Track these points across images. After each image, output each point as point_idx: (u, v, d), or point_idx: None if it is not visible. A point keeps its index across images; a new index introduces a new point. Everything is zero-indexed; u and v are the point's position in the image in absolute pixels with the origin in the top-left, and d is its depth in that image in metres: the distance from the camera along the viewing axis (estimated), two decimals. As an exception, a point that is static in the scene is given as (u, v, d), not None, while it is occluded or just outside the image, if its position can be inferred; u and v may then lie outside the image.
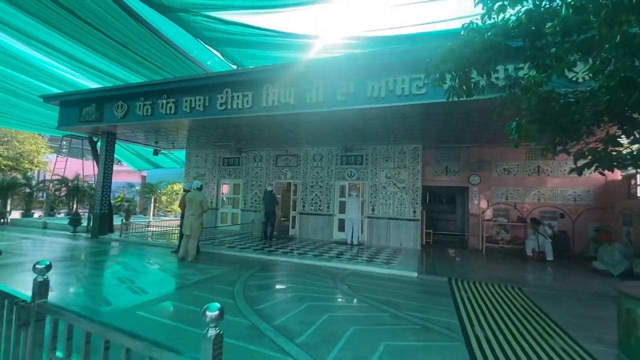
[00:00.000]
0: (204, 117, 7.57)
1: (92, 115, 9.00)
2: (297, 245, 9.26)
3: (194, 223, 6.88)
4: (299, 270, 6.47)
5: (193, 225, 6.87)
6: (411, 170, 9.80)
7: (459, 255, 8.88)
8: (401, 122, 7.51)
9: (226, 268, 6.38)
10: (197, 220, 6.94)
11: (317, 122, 7.88)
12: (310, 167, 11.10)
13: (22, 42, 8.13)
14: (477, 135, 8.73)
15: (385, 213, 9.96)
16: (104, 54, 8.50)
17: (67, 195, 11.39)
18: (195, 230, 6.90)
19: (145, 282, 5.18)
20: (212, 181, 12.60)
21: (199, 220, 6.99)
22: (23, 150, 16.62)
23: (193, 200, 6.99)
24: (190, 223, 6.88)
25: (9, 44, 8.22)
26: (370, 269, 6.63)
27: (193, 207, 6.92)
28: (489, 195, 10.09)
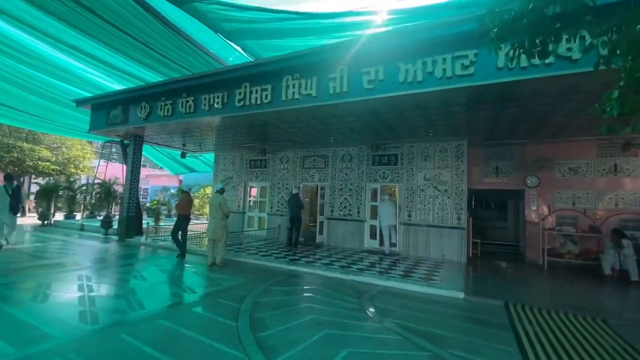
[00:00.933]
0: (223, 115, 7.07)
1: (118, 118, 8.96)
2: (323, 253, 8.43)
3: (217, 227, 6.67)
4: (321, 284, 5.63)
5: (216, 229, 6.67)
6: (454, 170, 8.57)
7: (515, 271, 7.49)
8: (442, 113, 6.42)
9: (240, 279, 5.73)
10: (220, 224, 6.69)
11: (344, 117, 7.04)
12: (339, 169, 10.25)
13: (50, 45, 8.26)
14: (536, 128, 7.33)
15: (424, 220, 8.81)
16: (127, 54, 8.39)
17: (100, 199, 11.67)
18: (220, 234, 6.69)
19: (142, 294, 4.65)
20: (240, 184, 12.22)
21: (222, 223, 6.73)
22: (70, 155, 17.61)
23: (213, 204, 6.81)
24: (213, 227, 6.68)
25: (40, 48, 8.40)
26: (405, 287, 5.61)
27: (214, 210, 6.74)
28: (550, 200, 8.53)
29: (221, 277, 5.92)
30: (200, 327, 3.53)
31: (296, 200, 9.22)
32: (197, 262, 7.15)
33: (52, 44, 8.22)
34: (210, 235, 6.72)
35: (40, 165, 15.62)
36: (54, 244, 8.54)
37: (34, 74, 9.48)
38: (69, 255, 7.15)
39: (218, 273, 6.18)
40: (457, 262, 8.12)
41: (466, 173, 8.47)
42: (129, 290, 4.76)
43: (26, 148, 15.38)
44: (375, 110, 6.43)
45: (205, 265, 6.79)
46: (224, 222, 6.77)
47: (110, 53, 8.48)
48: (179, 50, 8.11)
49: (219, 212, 6.72)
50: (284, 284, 5.56)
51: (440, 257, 8.46)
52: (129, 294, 4.57)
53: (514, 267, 7.94)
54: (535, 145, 8.62)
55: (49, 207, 13.33)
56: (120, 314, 3.83)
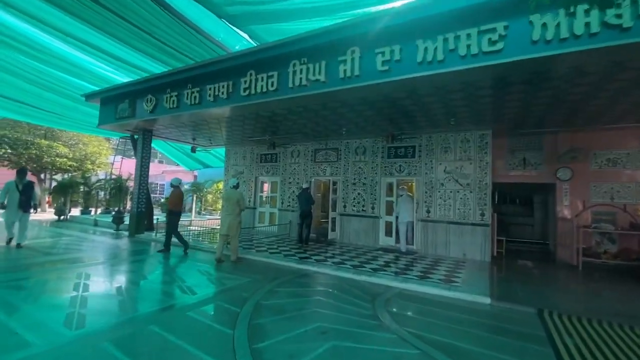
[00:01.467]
0: (228, 106, 6.71)
1: (125, 111, 8.78)
2: (335, 251, 7.99)
3: (232, 223, 6.53)
4: (331, 285, 5.20)
5: (231, 224, 6.53)
6: (478, 162, 7.91)
7: (546, 273, 6.81)
8: (465, 98, 5.81)
9: (245, 278, 5.37)
10: (235, 220, 6.58)
11: (356, 105, 6.54)
12: (352, 162, 9.74)
13: (59, 39, 8.12)
14: (571, 114, 6.59)
15: (444, 216, 8.21)
16: (133, 46, 8.16)
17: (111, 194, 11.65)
18: (234, 230, 6.56)
19: (138, 295, 4.37)
20: (250, 179, 11.92)
21: (237, 219, 6.61)
22: (87, 152, 17.84)
23: (230, 199, 6.67)
24: (229, 223, 6.53)
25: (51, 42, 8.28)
26: (423, 289, 5.10)
27: (230, 206, 6.61)
28: (585, 194, 7.74)
29: (225, 276, 5.59)
30: (192, 335, 3.17)
31: (307, 195, 8.82)
32: (203, 259, 6.87)
33: (61, 38, 8.08)
34: (225, 231, 6.57)
35: (58, 162, 15.86)
36: (64, 240, 8.48)
37: (46, 69, 9.42)
38: (73, 252, 7.01)
39: (222, 272, 5.86)
40: (479, 261, 7.51)
41: (490, 165, 7.80)
42: (124, 291, 4.48)
43: (44, 145, 15.63)
44: (390, 96, 5.90)
45: (211, 263, 6.50)
46: (239, 218, 6.67)
47: (117, 45, 8.27)
48: (185, 40, 7.80)
49: (236, 208, 6.60)
50: (290, 284, 5.17)
51: (461, 256, 7.87)
52: (123, 295, 4.28)
53: (544, 268, 7.25)
54: (568, 134, 7.83)
55: (65, 202, 13.48)
56: (108, 317, 3.52)
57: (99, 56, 8.89)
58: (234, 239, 6.64)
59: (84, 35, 7.91)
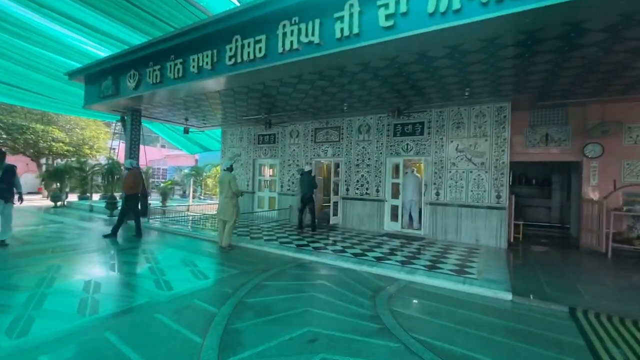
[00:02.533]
0: (213, 77, 5.99)
1: (109, 89, 8.13)
2: (336, 238, 7.40)
3: (226, 206, 6.18)
4: (328, 278, 4.61)
5: (226, 208, 6.17)
6: (494, 139, 7.10)
7: (571, 261, 6.11)
8: (485, 61, 4.98)
9: (233, 270, 4.82)
10: (230, 203, 6.18)
11: (357, 72, 5.75)
12: (355, 142, 9.00)
13: (35, 11, 7.41)
14: (604, 82, 5.70)
15: (455, 198, 7.49)
16: (113, 16, 7.40)
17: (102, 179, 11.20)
18: (231, 214, 6.15)
19: (106, 291, 3.84)
20: (248, 161, 11.29)
21: (232, 202, 6.20)
22: (85, 136, 17.38)
23: (223, 182, 6.31)
24: (223, 207, 6.21)
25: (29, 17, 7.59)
26: (433, 282, 4.47)
27: (225, 189, 6.26)
28: (615, 173, 6.92)
29: (211, 267, 5.05)
30: (152, 345, 2.61)
31: (309, 179, 8.19)
32: (192, 248, 6.35)
33: (35, 9, 7.37)
34: (221, 216, 6.25)
35: (54, 147, 15.44)
36: (50, 228, 8.05)
37: (28, 47, 8.76)
38: (54, 241, 6.54)
39: (209, 263, 5.32)
40: (495, 248, 6.84)
41: (509, 142, 6.99)
42: (92, 287, 3.95)
43: (39, 129, 15.19)
44: (396, 61, 5.09)
45: (200, 252, 5.97)
46: (234, 201, 6.24)
47: (96, 16, 7.54)
48: (166, 5, 7.02)
49: (228, 191, 6.21)
50: (283, 277, 4.59)
51: (474, 242, 7.20)
52: (89, 292, 3.75)
53: (568, 256, 6.54)
54: (598, 105, 6.93)
55: (61, 188, 13.10)
56: (58, 321, 2.99)
57: (79, 29, 8.15)
58: (229, 224, 6.19)
59: (60, 5, 7.18)
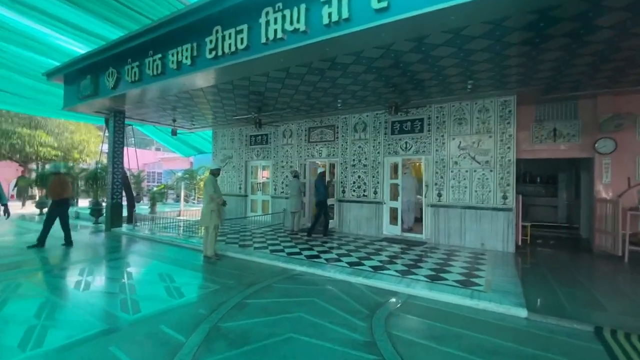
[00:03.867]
0: (193, 73, 5.51)
1: (88, 89, 7.62)
2: (332, 244, 6.90)
3: (204, 213, 5.79)
4: (320, 293, 4.11)
5: (204, 214, 5.77)
6: (499, 136, 6.62)
7: (587, 267, 5.62)
8: (489, 49, 4.49)
9: (212, 285, 4.33)
10: (207, 208, 5.76)
11: (349, 64, 5.26)
12: (351, 141, 8.51)
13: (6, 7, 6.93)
14: (618, 72, 5.23)
15: (458, 199, 7.00)
16: (89, 10, 6.94)
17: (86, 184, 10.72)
18: (208, 220, 5.70)
19: (62, 316, 3.35)
20: (240, 163, 10.79)
21: (209, 207, 5.74)
22: (74, 140, 16.88)
23: (204, 186, 5.97)
24: (202, 213, 5.86)
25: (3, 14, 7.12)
26: (437, 296, 3.98)
27: (204, 193, 5.93)
28: (630, 169, 6.44)
29: (190, 282, 4.55)
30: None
31: (323, 182, 7.87)
32: (175, 259, 5.86)
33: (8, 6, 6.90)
34: (200, 222, 5.97)
35: (41, 151, 14.93)
36: (25, 238, 7.54)
37: (4, 45, 8.31)
38: (25, 254, 6.04)
39: (189, 276, 4.83)
40: (502, 252, 6.36)
41: (515, 139, 6.51)
42: (47, 310, 3.45)
43: (25, 134, 14.69)
44: (391, 49, 4.61)
45: (181, 264, 5.49)
46: (212, 206, 5.73)
47: (72, 10, 7.07)
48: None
49: (206, 197, 5.79)
50: (268, 292, 4.09)
51: (479, 246, 6.71)
52: (40, 318, 3.25)
53: (582, 260, 6.06)
54: (610, 97, 6.45)
55: (47, 194, 12.58)
56: None
57: (57, 26, 7.68)
58: (209, 231, 5.72)
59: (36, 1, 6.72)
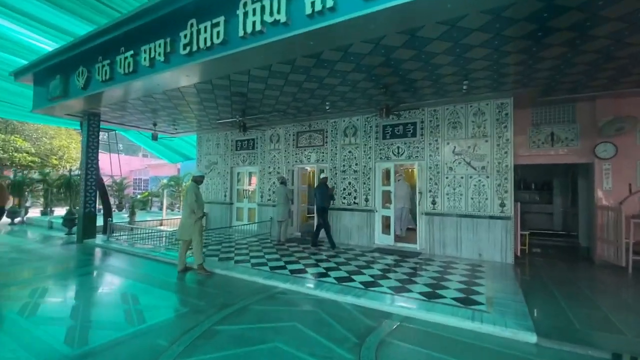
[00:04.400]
0: (167, 70, 5.04)
1: (57, 90, 7.07)
2: (320, 255, 6.43)
3: (184, 224, 5.23)
4: (302, 316, 3.63)
5: (183, 227, 5.22)
6: (495, 140, 6.29)
7: (592, 280, 5.26)
8: (487, 44, 4.14)
9: (181, 307, 3.81)
10: (188, 221, 5.19)
11: (336, 61, 4.86)
12: (341, 146, 8.10)
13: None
14: (621, 73, 4.95)
15: (454, 207, 6.62)
16: (60, 5, 6.44)
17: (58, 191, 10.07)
18: (189, 234, 5.17)
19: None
20: (225, 170, 10.28)
21: (190, 220, 5.19)
22: (53, 146, 16.15)
23: (186, 194, 5.45)
24: (181, 224, 5.28)
25: None
26: (435, 318, 3.53)
27: (184, 202, 5.48)
28: (631, 175, 6.15)
29: (155, 303, 4.02)
30: None
31: (325, 190, 7.29)
32: (146, 274, 5.32)
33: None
34: (178, 235, 5.32)
35: (17, 157, 14.18)
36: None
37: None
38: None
39: (156, 296, 4.30)
40: (500, 264, 5.97)
41: (512, 143, 6.18)
42: (-24, 343, 2.90)
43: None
44: (382, 45, 4.23)
45: (150, 281, 4.95)
46: (192, 219, 5.19)
47: (41, 5, 6.57)
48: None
49: (187, 206, 5.27)
50: (243, 316, 3.59)
51: (476, 256, 6.32)
52: (-37, 354, 2.71)
53: (585, 272, 5.70)
54: (610, 100, 6.18)
55: (19, 203, 11.86)
56: None
57: (27, 22, 7.16)
58: (194, 245, 5.20)
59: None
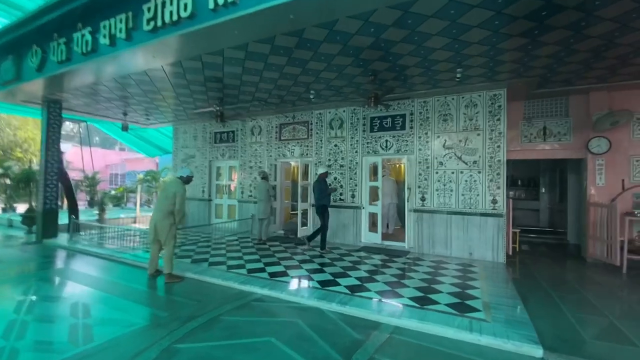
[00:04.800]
0: (129, 49, 4.46)
1: (9, 73, 6.31)
2: (303, 256, 5.99)
3: (161, 225, 4.49)
4: (279, 328, 3.18)
5: (158, 227, 4.50)
6: (488, 133, 5.98)
7: (588, 281, 5.03)
8: (488, 22, 3.77)
9: (140, 320, 3.29)
10: (165, 222, 4.50)
11: (321, 43, 4.39)
12: (327, 139, 7.65)
13: None
14: (621, 61, 4.69)
15: (444, 204, 6.30)
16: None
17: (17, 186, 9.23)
18: (165, 235, 4.50)
19: None
20: (204, 164, 9.66)
21: (169, 220, 4.52)
22: (19, 137, 15.01)
23: (166, 192, 4.64)
24: (155, 223, 4.51)
25: None
26: (429, 328, 3.15)
27: (162, 200, 4.60)
28: (624, 171, 5.98)
29: (109, 316, 3.47)
30: None
31: (324, 186, 6.48)
32: (108, 280, 4.74)
33: None
34: (152, 235, 4.56)
35: (-26, 149, 13.06)
36: None
37: None
38: None
39: (112, 307, 3.75)
40: (492, 263, 5.70)
41: (505, 137, 5.89)
42: None
43: (-45, 129, 12.77)
44: (371, 22, 3.78)
45: (110, 288, 4.39)
46: (170, 219, 4.52)
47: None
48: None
49: (166, 205, 4.51)
50: (212, 330, 3.11)
51: (466, 255, 6.03)
52: None
53: (578, 271, 5.50)
54: (604, 93, 5.97)
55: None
56: None
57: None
58: (167, 249, 4.53)
59: None
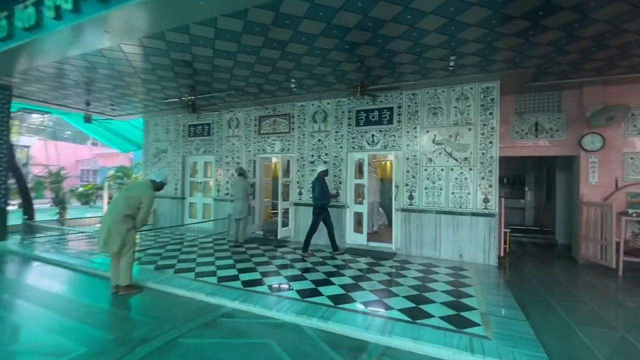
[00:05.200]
0: (77, 24, 3.80)
1: (-58, 52, 5.48)
2: (283, 259, 5.48)
3: (113, 227, 3.74)
4: (249, 351, 2.67)
5: (112, 230, 3.74)
6: (480, 128, 5.63)
7: (585, 285, 4.74)
8: (488, 2, 3.36)
9: (76, 347, 2.71)
10: (121, 227, 3.77)
11: (301, 19, 3.87)
12: (309, 133, 7.14)
13: None
14: (623, 51, 4.41)
15: (433, 203, 5.93)
16: None
17: None
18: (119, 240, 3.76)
19: None
20: (176, 159, 8.96)
21: (123, 226, 3.79)
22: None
23: (131, 190, 3.95)
24: (108, 230, 3.74)
25: None
26: (424, 349, 2.71)
27: (120, 203, 3.85)
28: (618, 169, 5.77)
29: (44, 341, 2.87)
30: None
31: (325, 184, 5.97)
32: (58, 296, 4.09)
33: None
34: (102, 245, 3.76)
35: None
36: None
37: None
38: None
39: (50, 329, 3.13)
40: (483, 266, 5.37)
41: (498, 132, 5.55)
42: None
43: None
44: None
45: (57, 306, 3.76)
46: (125, 225, 3.79)
47: None
48: None
49: (125, 207, 3.81)
50: (165, 358, 2.57)
51: (456, 257, 5.69)
52: None
53: (573, 274, 5.23)
54: (598, 87, 5.73)
55: None
56: None
57: None
58: (124, 258, 3.84)
59: None
